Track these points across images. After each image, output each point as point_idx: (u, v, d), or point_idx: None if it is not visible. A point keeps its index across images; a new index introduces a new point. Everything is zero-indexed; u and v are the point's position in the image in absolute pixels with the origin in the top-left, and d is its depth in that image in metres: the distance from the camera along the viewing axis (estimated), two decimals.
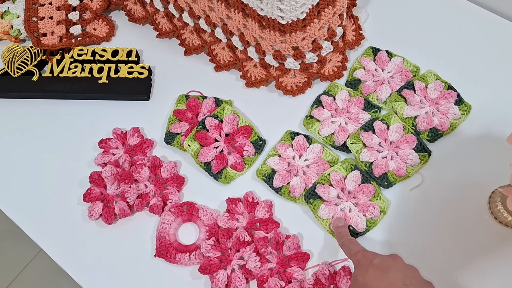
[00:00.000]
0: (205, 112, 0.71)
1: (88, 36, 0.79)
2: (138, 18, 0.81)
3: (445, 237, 0.62)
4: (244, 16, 0.64)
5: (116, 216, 0.65)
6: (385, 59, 0.74)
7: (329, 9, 0.64)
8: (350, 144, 0.67)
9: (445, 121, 0.68)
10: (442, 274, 0.60)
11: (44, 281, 1.33)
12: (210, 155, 0.67)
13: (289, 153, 0.68)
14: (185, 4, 0.71)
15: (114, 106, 0.75)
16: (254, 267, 0.60)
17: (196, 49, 0.77)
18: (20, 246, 1.37)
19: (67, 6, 0.80)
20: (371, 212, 0.63)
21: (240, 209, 0.64)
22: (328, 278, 0.59)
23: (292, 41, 0.64)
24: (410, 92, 0.70)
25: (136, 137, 0.70)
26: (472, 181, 0.65)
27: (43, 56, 0.77)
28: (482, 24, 0.78)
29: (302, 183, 0.66)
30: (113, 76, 0.75)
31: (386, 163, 0.66)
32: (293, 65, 0.69)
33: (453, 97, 0.70)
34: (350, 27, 0.74)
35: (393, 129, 0.67)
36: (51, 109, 0.75)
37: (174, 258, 0.62)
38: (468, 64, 0.74)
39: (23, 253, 1.36)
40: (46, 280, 1.33)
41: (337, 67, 0.73)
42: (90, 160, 0.70)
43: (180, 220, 0.65)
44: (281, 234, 0.62)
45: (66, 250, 0.65)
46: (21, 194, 0.69)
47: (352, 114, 0.70)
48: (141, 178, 0.66)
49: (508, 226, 0.62)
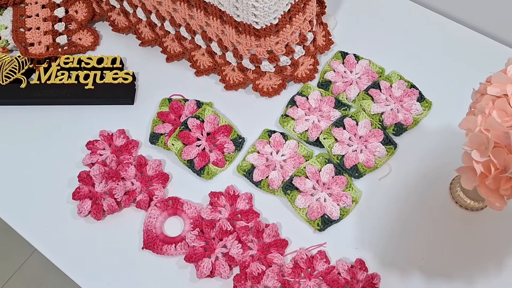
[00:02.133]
0: (187, 113, 0.76)
1: (74, 46, 0.84)
2: (122, 28, 0.85)
3: (412, 221, 0.68)
4: (222, 22, 0.69)
5: (105, 213, 0.69)
6: (353, 62, 0.80)
7: (299, 15, 0.70)
8: (323, 140, 0.72)
9: (409, 117, 0.74)
10: (410, 255, 0.65)
11: (38, 278, 1.35)
12: (192, 153, 0.72)
13: (267, 149, 0.72)
14: (166, 13, 0.76)
15: (100, 110, 0.78)
16: (237, 254, 0.64)
17: (177, 56, 0.82)
18: (16, 244, 1.40)
19: (53, 18, 0.84)
20: (344, 201, 0.68)
21: (222, 202, 0.69)
22: (306, 262, 0.64)
23: (267, 45, 0.69)
24: (376, 91, 0.76)
25: (122, 138, 0.74)
26: (434, 170, 0.71)
27: (31, 65, 0.80)
28: (439, 28, 0.85)
29: (280, 176, 0.70)
30: (99, 82, 0.79)
31: (356, 155, 0.71)
32: (268, 68, 0.74)
33: (415, 94, 0.76)
34: (320, 33, 0.80)
35: (361, 124, 0.73)
36: (39, 114, 0.78)
37: (161, 249, 0.66)
38: (427, 64, 0.81)
39: (19, 251, 1.38)
40: (40, 277, 1.35)
41: (309, 70, 0.79)
42: (78, 161, 0.74)
43: (166, 214, 0.69)
44: (261, 223, 0.66)
45: (57, 246, 0.68)
46: (12, 196, 0.72)
47: (324, 112, 0.75)
48: (128, 176, 0.70)
49: (468, 209, 0.68)
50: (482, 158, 0.48)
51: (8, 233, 1.36)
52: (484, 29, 0.84)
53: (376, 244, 0.66)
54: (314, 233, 0.67)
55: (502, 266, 0.64)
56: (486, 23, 0.84)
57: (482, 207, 0.67)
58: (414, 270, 0.64)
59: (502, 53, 0.80)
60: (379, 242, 0.67)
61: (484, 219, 0.67)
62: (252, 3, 0.61)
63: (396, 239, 0.66)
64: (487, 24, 0.84)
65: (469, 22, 0.85)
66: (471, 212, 0.67)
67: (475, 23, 0.85)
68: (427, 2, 0.88)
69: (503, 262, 0.64)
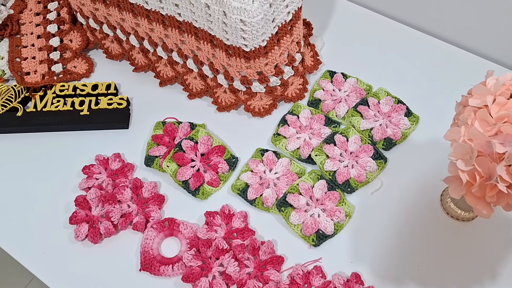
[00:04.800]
0: (181, 135, 0.77)
1: (69, 73, 0.86)
2: (115, 55, 0.88)
3: (405, 233, 0.69)
4: (212, 46, 0.71)
5: (102, 236, 0.69)
6: (341, 80, 0.82)
7: (287, 37, 0.72)
8: (314, 156, 0.74)
9: (397, 131, 0.76)
10: (405, 267, 0.66)
11: None
12: (187, 174, 0.73)
13: (260, 168, 0.74)
14: (158, 39, 0.78)
15: (95, 135, 0.80)
16: (233, 272, 0.64)
17: (170, 80, 0.84)
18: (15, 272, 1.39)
19: (49, 47, 0.86)
20: (337, 216, 0.69)
21: (218, 221, 0.70)
22: (302, 277, 0.65)
23: (257, 66, 0.72)
24: (365, 107, 0.78)
25: (118, 161, 0.75)
26: (425, 182, 0.72)
27: (27, 93, 0.82)
28: (422, 45, 0.87)
29: (274, 194, 0.72)
30: (94, 107, 0.80)
31: (348, 171, 0.72)
32: (259, 88, 0.76)
33: (403, 110, 0.78)
34: (308, 54, 0.83)
35: (352, 140, 0.75)
36: (36, 141, 0.80)
37: (158, 270, 0.67)
38: (413, 80, 0.83)
39: (18, 279, 1.38)
40: None
41: (299, 89, 0.81)
42: (74, 186, 0.75)
43: (162, 235, 0.70)
44: (257, 241, 0.67)
45: (54, 271, 0.68)
46: (9, 223, 0.72)
47: (314, 130, 0.77)
48: (124, 199, 0.71)
49: (459, 220, 0.69)
50: (467, 167, 0.50)
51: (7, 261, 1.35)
52: (465, 45, 0.88)
53: (371, 257, 0.67)
54: (310, 248, 0.68)
55: (496, 275, 0.65)
56: (466, 38, 0.87)
57: (473, 217, 0.69)
58: (409, 282, 0.65)
59: (482, 66, 0.83)
60: (374, 255, 0.67)
61: (475, 229, 0.68)
62: (241, 27, 0.63)
63: (391, 251, 0.67)
64: (468, 40, 0.87)
65: (450, 38, 0.89)
66: (463, 223, 0.69)
67: (456, 39, 0.88)
68: (410, 21, 0.91)
69: (497, 271, 0.65)
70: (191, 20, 0.69)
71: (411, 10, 0.90)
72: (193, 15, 0.68)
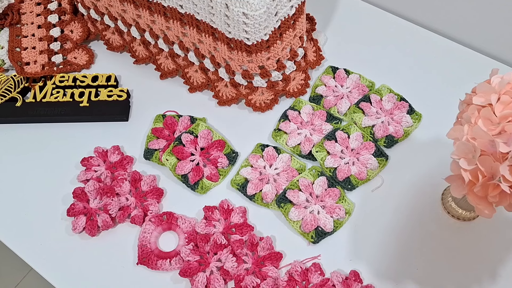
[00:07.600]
0: (181, 129, 0.77)
1: (69, 64, 0.85)
2: (116, 47, 0.87)
3: (405, 232, 0.68)
4: (214, 39, 0.71)
5: (99, 228, 0.69)
6: (344, 76, 0.82)
7: (289, 31, 0.71)
8: (315, 153, 0.73)
9: (399, 129, 0.75)
10: (404, 266, 0.66)
11: None
12: (186, 167, 0.72)
13: (260, 163, 0.73)
14: (160, 31, 0.77)
15: (95, 127, 0.79)
16: (231, 267, 0.64)
17: (171, 73, 0.83)
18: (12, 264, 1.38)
19: (49, 37, 0.85)
20: (337, 213, 0.68)
21: (217, 216, 0.69)
22: (300, 274, 0.64)
23: (258, 60, 0.71)
24: (367, 104, 0.77)
25: (117, 154, 0.75)
26: (426, 181, 0.72)
27: (26, 84, 0.82)
28: (426, 42, 0.87)
29: (274, 189, 0.71)
30: (94, 99, 0.80)
31: (349, 168, 0.72)
32: (260, 83, 0.75)
33: (405, 107, 0.77)
34: (310, 49, 0.82)
35: (353, 137, 0.74)
36: (35, 132, 0.79)
37: (156, 264, 0.66)
38: (416, 77, 0.82)
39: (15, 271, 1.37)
40: None
41: (301, 85, 0.80)
42: (72, 178, 0.74)
43: (160, 229, 0.69)
44: (255, 236, 0.67)
45: (51, 263, 0.67)
46: (7, 214, 0.72)
47: (316, 126, 0.76)
48: (122, 192, 0.71)
49: (460, 219, 0.68)
50: (469, 166, 0.49)
51: (4, 253, 1.35)
52: (469, 43, 0.87)
53: (370, 255, 0.67)
54: (308, 245, 0.68)
55: (496, 276, 0.64)
56: (471, 36, 0.86)
57: (474, 217, 0.68)
58: (408, 281, 0.64)
59: (486, 64, 0.82)
60: (373, 253, 0.67)
61: (476, 228, 0.68)
62: (243, 20, 0.62)
63: (390, 250, 0.67)
64: (472, 38, 0.86)
65: (454, 36, 0.88)
66: (464, 222, 0.68)
67: (460, 37, 0.87)
68: (414, 18, 0.90)
69: (497, 272, 0.65)
70: (193, 12, 0.68)
71: (416, 7, 0.89)
72: (195, 7, 0.67)
